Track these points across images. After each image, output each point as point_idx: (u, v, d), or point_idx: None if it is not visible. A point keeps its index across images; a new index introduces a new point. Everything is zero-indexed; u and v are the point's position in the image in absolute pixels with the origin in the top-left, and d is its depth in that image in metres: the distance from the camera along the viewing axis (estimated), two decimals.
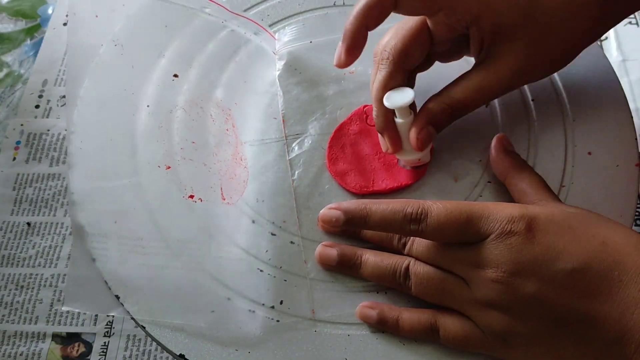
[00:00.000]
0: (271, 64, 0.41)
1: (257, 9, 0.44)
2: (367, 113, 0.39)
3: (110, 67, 0.41)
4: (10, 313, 0.44)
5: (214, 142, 0.38)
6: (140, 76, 0.40)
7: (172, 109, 0.39)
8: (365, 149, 0.38)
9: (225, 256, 0.34)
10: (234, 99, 0.40)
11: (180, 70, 0.41)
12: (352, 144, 0.38)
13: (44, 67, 0.55)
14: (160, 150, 0.38)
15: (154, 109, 0.39)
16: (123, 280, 0.33)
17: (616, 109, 0.39)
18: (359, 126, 0.39)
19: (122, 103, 0.39)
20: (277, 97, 0.40)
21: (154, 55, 0.41)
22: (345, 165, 0.37)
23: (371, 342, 0.32)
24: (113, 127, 0.39)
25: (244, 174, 0.37)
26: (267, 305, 0.33)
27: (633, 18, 0.53)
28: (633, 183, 0.37)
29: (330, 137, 0.38)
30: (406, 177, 0.37)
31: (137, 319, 0.33)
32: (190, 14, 0.43)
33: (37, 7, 0.58)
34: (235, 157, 0.38)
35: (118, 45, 0.41)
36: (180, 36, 0.42)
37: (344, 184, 0.37)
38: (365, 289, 0.34)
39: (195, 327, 0.32)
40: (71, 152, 0.37)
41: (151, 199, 0.36)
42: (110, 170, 0.37)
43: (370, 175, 0.37)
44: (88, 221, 0.35)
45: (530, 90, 0.40)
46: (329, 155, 0.38)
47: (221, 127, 0.39)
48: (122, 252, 0.34)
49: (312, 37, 0.42)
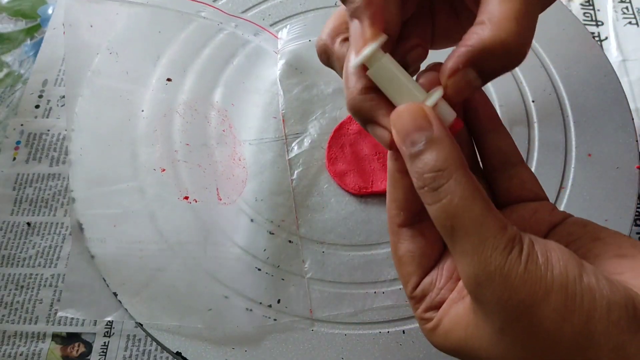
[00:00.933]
0: (271, 63, 0.41)
1: (258, 9, 0.44)
2: None
3: (106, 75, 0.41)
4: (10, 313, 0.44)
5: (209, 143, 0.39)
6: (135, 82, 0.41)
7: (167, 112, 0.39)
8: (364, 149, 0.38)
9: (223, 255, 0.34)
10: (232, 99, 0.40)
11: (175, 74, 0.41)
12: (352, 144, 0.38)
13: (44, 67, 0.55)
14: (156, 153, 0.38)
15: (149, 113, 0.40)
16: (121, 279, 0.34)
17: (616, 110, 0.39)
18: (358, 126, 0.39)
19: (118, 109, 0.40)
20: (277, 97, 0.40)
21: (149, 61, 0.41)
22: (344, 166, 0.37)
23: (369, 342, 0.32)
24: (110, 133, 0.39)
25: (242, 173, 0.37)
26: (265, 304, 0.33)
27: (633, 18, 0.53)
28: (633, 185, 0.36)
29: (329, 136, 0.38)
30: None
31: (133, 315, 0.33)
32: (185, 19, 0.43)
33: (37, 7, 0.59)
34: (233, 157, 0.38)
35: (113, 53, 0.41)
36: (175, 41, 0.42)
37: (342, 184, 0.37)
38: (363, 288, 0.34)
39: (193, 325, 0.32)
40: (71, 159, 0.38)
41: (148, 201, 0.36)
42: (108, 174, 0.37)
43: (369, 176, 0.37)
44: (87, 225, 0.35)
45: (531, 91, 0.40)
46: (328, 155, 0.38)
47: (217, 128, 0.39)
48: (120, 255, 0.34)
49: (313, 36, 0.42)
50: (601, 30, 0.53)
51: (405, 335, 0.32)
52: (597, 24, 0.53)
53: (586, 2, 0.55)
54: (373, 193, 0.36)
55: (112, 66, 0.41)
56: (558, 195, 0.36)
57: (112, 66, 0.41)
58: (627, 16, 0.53)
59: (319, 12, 0.44)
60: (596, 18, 0.53)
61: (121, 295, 0.33)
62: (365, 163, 0.37)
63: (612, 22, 0.53)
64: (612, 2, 0.54)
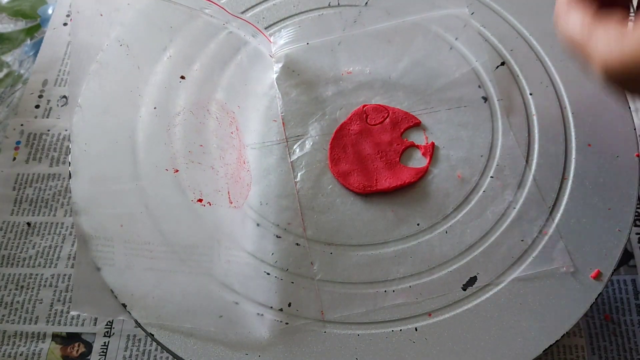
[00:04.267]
0: (269, 66, 0.41)
1: (253, 12, 0.44)
2: (366, 112, 0.39)
3: (113, 67, 0.40)
4: (10, 313, 0.43)
5: (220, 145, 0.38)
6: (144, 77, 0.40)
7: (180, 111, 0.39)
8: (366, 149, 0.38)
9: (232, 260, 0.34)
10: (237, 101, 0.40)
11: (184, 71, 0.40)
12: (354, 144, 0.38)
13: (44, 67, 0.54)
14: (167, 154, 0.37)
15: (160, 111, 0.39)
16: (129, 286, 0.33)
17: (613, 100, 0.39)
18: (359, 126, 0.39)
19: (125, 104, 0.39)
20: (276, 100, 0.40)
21: (158, 55, 0.41)
22: (347, 166, 0.37)
23: (381, 341, 0.32)
24: (117, 129, 0.38)
25: (248, 177, 0.37)
26: (276, 308, 0.33)
27: (632, 14, 0.53)
28: (634, 173, 0.37)
29: (331, 138, 0.38)
30: (409, 176, 0.37)
31: (143, 325, 0.32)
32: (191, 15, 0.42)
33: (37, 7, 0.58)
34: (239, 161, 0.38)
35: (123, 45, 0.41)
36: (183, 37, 0.42)
37: (347, 184, 0.37)
38: (372, 288, 0.34)
39: (204, 332, 0.32)
40: (75, 156, 0.37)
41: (157, 203, 0.36)
42: (115, 173, 0.37)
43: (373, 174, 0.37)
44: (93, 225, 0.35)
45: (528, 84, 0.40)
46: (330, 156, 0.38)
47: (226, 130, 0.39)
48: (128, 256, 0.34)
49: (308, 39, 0.42)
50: None
51: (418, 333, 0.32)
52: None
53: None
54: (378, 191, 0.36)
55: (121, 59, 0.40)
56: (561, 186, 0.36)
57: (122, 59, 0.40)
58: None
59: (314, 13, 0.43)
60: None
61: (129, 303, 0.33)
62: (368, 162, 0.38)
63: None
64: None
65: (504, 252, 0.35)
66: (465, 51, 0.41)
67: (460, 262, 0.35)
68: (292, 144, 0.39)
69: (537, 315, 0.33)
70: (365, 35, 0.33)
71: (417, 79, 0.37)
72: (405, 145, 0.38)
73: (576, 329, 0.41)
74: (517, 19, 0.43)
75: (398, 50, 0.41)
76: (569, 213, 0.36)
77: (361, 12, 0.43)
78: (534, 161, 0.38)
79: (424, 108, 0.40)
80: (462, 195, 0.36)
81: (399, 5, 0.43)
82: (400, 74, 0.40)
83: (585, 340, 0.41)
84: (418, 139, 0.39)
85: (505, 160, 0.38)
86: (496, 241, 0.35)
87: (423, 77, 0.37)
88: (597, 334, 0.41)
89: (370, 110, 0.39)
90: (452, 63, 0.37)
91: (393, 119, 0.39)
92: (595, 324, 0.42)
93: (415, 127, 0.39)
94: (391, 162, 0.37)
